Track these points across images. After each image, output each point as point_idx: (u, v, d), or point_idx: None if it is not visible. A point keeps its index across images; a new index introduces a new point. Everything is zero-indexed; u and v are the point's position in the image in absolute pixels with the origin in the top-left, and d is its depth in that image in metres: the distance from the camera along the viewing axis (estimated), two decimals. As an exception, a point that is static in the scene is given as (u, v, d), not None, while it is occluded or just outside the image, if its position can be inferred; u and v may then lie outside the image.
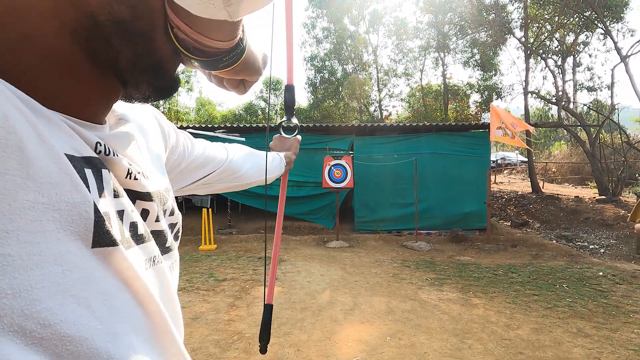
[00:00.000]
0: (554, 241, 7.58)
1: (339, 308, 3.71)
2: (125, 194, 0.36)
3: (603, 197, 10.45)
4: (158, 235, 0.42)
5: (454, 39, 17.91)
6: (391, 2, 28.77)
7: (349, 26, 20.93)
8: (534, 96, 15.76)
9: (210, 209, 6.89)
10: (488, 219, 7.25)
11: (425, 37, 19.47)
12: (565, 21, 13.65)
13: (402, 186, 8.10)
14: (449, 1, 16.73)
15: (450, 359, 2.73)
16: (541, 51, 14.74)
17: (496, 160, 21.46)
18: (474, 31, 15.87)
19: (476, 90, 18.89)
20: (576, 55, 15.69)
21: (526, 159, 15.77)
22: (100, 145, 0.34)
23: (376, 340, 3.04)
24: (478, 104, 19.04)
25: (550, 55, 15.26)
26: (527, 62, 14.45)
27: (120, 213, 0.34)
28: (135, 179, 0.39)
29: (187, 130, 7.08)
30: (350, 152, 8.32)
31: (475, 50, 17.34)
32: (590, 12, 11.95)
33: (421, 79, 21.58)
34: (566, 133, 20.23)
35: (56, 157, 0.27)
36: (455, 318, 3.48)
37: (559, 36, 14.85)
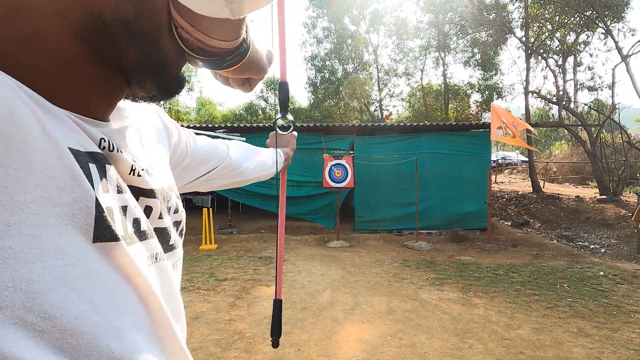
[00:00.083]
0: (555, 241, 7.57)
1: (340, 308, 3.71)
2: (128, 190, 0.36)
3: (604, 197, 10.43)
4: (161, 232, 0.42)
5: (455, 39, 17.89)
6: (392, 2, 28.76)
7: (350, 26, 20.93)
8: (535, 96, 15.73)
9: (210, 209, 6.89)
10: (489, 219, 7.25)
11: (425, 37, 19.46)
12: (566, 21, 13.63)
13: (403, 186, 8.09)
14: (450, 1, 16.71)
15: (450, 359, 2.73)
16: (542, 51, 14.72)
17: (497, 159, 21.47)
18: (475, 31, 15.85)
19: (477, 90, 18.86)
20: (577, 54, 15.67)
21: (527, 159, 15.75)
22: (104, 141, 0.35)
23: (377, 339, 3.04)
24: (479, 104, 19.02)
25: (551, 54, 15.24)
26: (528, 62, 14.44)
27: (123, 209, 0.34)
28: (138, 176, 0.39)
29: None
30: (350, 152, 8.32)
31: (475, 49, 17.31)
32: (591, 12, 11.94)
33: (422, 79, 21.59)
34: (567, 133, 20.22)
35: (59, 152, 0.28)
36: (455, 318, 3.48)
37: (560, 36, 14.83)
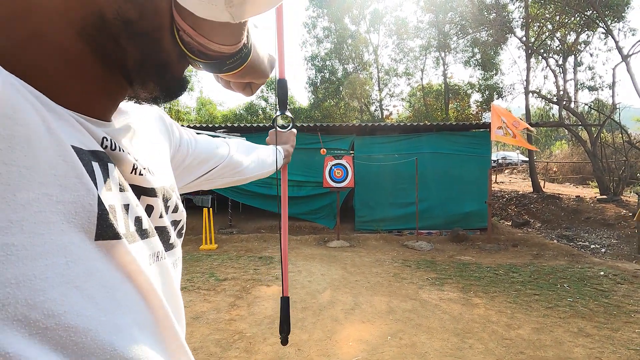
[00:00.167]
0: (555, 241, 7.57)
1: (340, 307, 3.71)
2: (130, 189, 0.36)
3: (604, 197, 10.43)
4: (162, 231, 0.42)
5: (455, 39, 17.88)
6: (392, 2, 28.74)
7: (350, 26, 20.92)
8: (535, 96, 15.73)
9: (211, 209, 6.90)
10: (489, 219, 7.25)
11: (426, 37, 19.46)
12: (566, 20, 13.62)
13: (403, 186, 8.09)
14: (450, 0, 16.70)
15: (451, 359, 2.73)
16: (542, 50, 14.72)
17: (497, 159, 21.45)
18: (475, 30, 15.84)
19: (477, 89, 18.86)
20: (577, 54, 15.67)
21: (527, 159, 15.74)
22: (106, 140, 0.35)
23: (377, 339, 3.04)
24: (479, 104, 19.01)
25: (551, 54, 15.23)
26: (528, 62, 14.43)
27: (125, 207, 0.35)
28: (140, 175, 0.39)
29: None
30: (351, 152, 8.32)
31: (476, 49, 17.30)
32: (591, 12, 11.93)
33: (422, 79, 21.59)
34: (567, 132, 20.22)
35: (63, 150, 0.28)
36: (456, 318, 3.48)
37: (560, 35, 14.82)
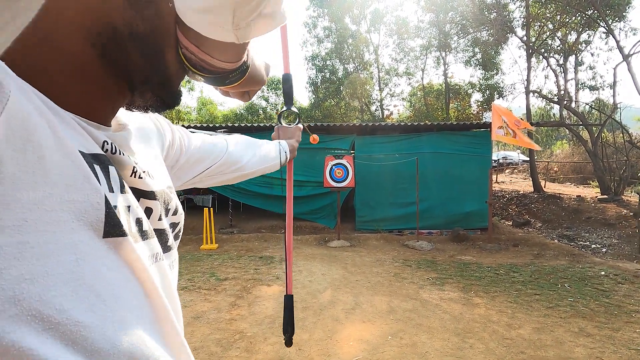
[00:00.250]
0: (556, 240, 7.56)
1: (341, 307, 3.71)
2: (130, 191, 0.37)
3: (605, 197, 10.40)
4: (160, 233, 0.43)
5: (456, 38, 17.85)
6: (392, 1, 28.73)
7: (350, 25, 20.91)
8: (536, 95, 15.69)
9: (211, 209, 6.90)
10: (489, 219, 7.24)
11: (426, 36, 19.44)
12: (567, 20, 13.60)
13: (404, 185, 8.09)
14: (451, 0, 16.69)
15: (451, 359, 2.73)
16: (543, 50, 14.69)
17: (498, 159, 21.42)
18: (476, 30, 15.82)
19: (478, 89, 18.84)
20: (578, 54, 15.64)
21: (528, 158, 15.73)
22: (107, 143, 0.36)
23: (377, 339, 3.04)
24: (479, 103, 19.00)
25: (552, 54, 15.20)
26: (529, 61, 14.40)
27: (127, 208, 0.36)
28: (140, 178, 0.40)
29: (189, 129, 7.09)
30: (351, 152, 8.32)
31: (476, 49, 17.29)
32: (592, 11, 11.90)
33: (422, 78, 21.57)
34: (568, 132, 20.19)
35: (70, 153, 0.29)
36: (456, 317, 3.48)
37: (561, 35, 14.79)
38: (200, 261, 5.55)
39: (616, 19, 12.79)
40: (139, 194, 0.40)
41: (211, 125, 9.59)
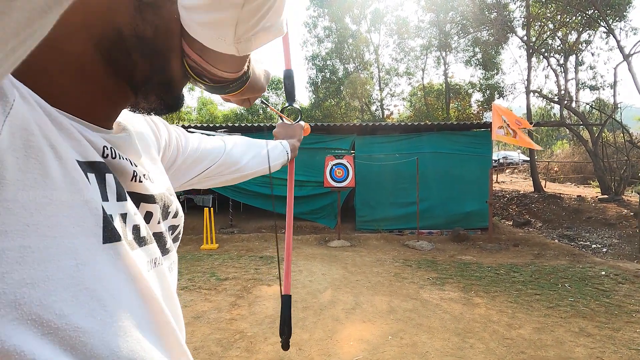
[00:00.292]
0: (556, 240, 7.56)
1: (341, 307, 3.71)
2: (128, 198, 0.37)
3: (605, 197, 10.40)
4: (159, 237, 0.43)
5: (456, 38, 17.85)
6: (393, 1, 28.73)
7: (351, 25, 20.91)
8: (536, 95, 15.67)
9: (212, 209, 6.91)
10: (490, 218, 7.24)
11: (426, 36, 19.43)
12: (567, 20, 13.58)
13: (404, 185, 8.08)
14: (451, 0, 16.68)
15: (451, 358, 2.73)
16: (543, 50, 14.67)
17: (498, 159, 21.41)
18: (476, 30, 15.81)
19: (478, 89, 18.83)
20: (578, 53, 15.61)
21: (528, 158, 15.72)
22: (107, 149, 0.36)
23: (378, 339, 3.04)
24: (480, 103, 18.99)
25: (552, 53, 15.18)
26: (529, 61, 14.39)
27: (123, 216, 0.36)
28: (140, 182, 0.40)
29: (189, 129, 7.09)
30: (351, 152, 8.32)
31: (477, 49, 17.28)
32: (592, 11, 11.89)
33: (423, 78, 21.57)
34: (568, 132, 20.16)
35: (69, 159, 0.30)
36: (456, 317, 3.48)
37: (562, 35, 14.77)
38: (200, 261, 5.55)
39: (617, 19, 12.78)
40: (139, 199, 0.40)
41: (211, 125, 9.59)
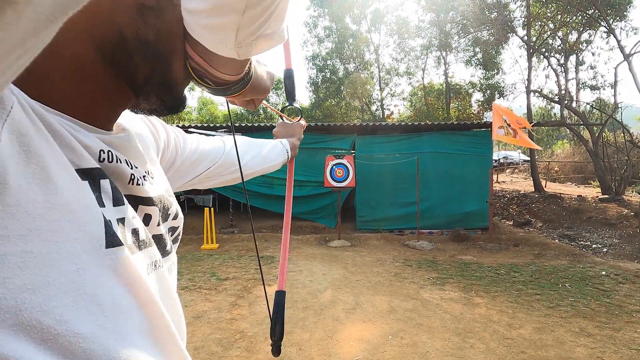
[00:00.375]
0: (557, 240, 7.55)
1: (341, 307, 3.71)
2: (126, 201, 0.37)
3: (606, 196, 10.39)
4: (159, 239, 0.43)
5: (456, 38, 17.85)
6: (393, 1, 28.68)
7: (351, 25, 20.91)
8: (537, 95, 15.65)
9: (212, 208, 6.91)
10: (490, 218, 7.23)
11: (427, 36, 19.43)
12: (568, 19, 13.57)
13: (404, 185, 8.08)
14: (451, 0, 16.68)
15: (452, 358, 2.73)
16: (544, 49, 14.66)
17: (498, 159, 21.40)
18: (476, 30, 15.80)
19: (478, 89, 18.82)
20: (579, 53, 15.60)
21: (528, 158, 15.71)
22: (104, 152, 0.36)
23: (378, 339, 3.04)
24: (480, 103, 18.98)
25: (552, 53, 15.18)
26: (530, 61, 14.38)
27: (121, 220, 0.36)
28: (138, 185, 0.40)
29: (189, 129, 7.09)
30: (352, 152, 8.31)
31: (477, 49, 17.27)
32: (593, 11, 11.88)
33: (423, 78, 21.57)
34: (569, 132, 20.15)
35: (66, 165, 0.30)
36: (457, 317, 3.48)
37: (562, 34, 14.77)
38: (200, 261, 5.55)
39: (617, 19, 12.77)
40: (137, 201, 0.40)
41: (212, 125, 9.60)
